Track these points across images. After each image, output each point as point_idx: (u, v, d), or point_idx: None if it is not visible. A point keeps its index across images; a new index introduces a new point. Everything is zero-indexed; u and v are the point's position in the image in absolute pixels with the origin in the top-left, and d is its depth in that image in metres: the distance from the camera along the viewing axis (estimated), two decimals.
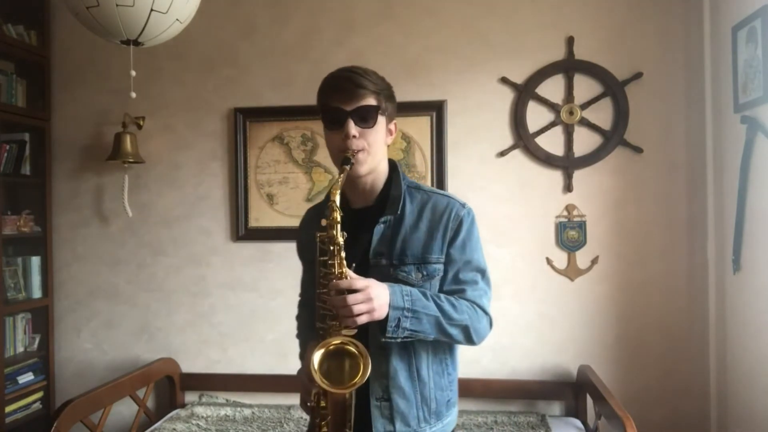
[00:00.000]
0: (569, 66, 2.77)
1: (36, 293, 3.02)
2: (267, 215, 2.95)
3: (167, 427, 2.61)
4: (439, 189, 1.82)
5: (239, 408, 2.82)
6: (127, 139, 2.90)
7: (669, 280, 2.73)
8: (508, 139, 2.82)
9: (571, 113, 2.76)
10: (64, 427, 2.22)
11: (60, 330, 3.10)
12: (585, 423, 2.66)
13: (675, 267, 2.72)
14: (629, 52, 2.74)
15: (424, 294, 1.32)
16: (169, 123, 3.03)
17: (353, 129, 1.33)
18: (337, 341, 1.25)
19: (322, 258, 1.31)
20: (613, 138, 2.74)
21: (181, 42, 2.76)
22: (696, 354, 2.69)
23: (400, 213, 1.40)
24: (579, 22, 2.77)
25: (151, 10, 2.00)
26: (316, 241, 1.32)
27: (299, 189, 2.93)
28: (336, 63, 1.47)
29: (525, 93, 2.79)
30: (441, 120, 2.82)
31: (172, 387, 2.97)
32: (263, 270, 2.97)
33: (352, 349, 1.24)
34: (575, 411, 2.73)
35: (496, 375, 2.81)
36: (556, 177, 2.80)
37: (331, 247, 1.28)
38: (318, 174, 2.92)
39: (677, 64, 2.72)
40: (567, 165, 2.78)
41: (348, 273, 1.27)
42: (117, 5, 1.96)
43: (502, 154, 2.81)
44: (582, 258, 2.78)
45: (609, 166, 2.76)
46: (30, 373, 2.97)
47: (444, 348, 1.44)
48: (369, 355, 1.23)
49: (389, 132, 1.44)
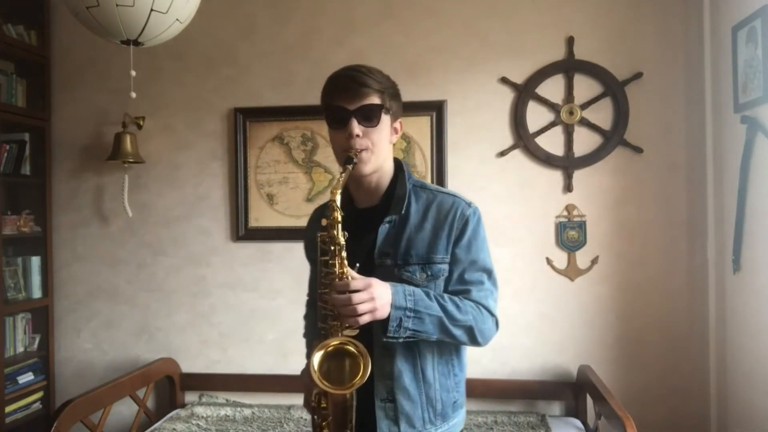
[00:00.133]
0: (569, 66, 2.77)
1: (36, 293, 3.02)
2: (267, 215, 2.95)
3: (167, 427, 2.61)
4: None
5: (239, 408, 2.82)
6: (127, 139, 2.90)
7: (669, 280, 2.73)
8: (508, 139, 2.82)
9: (571, 113, 2.76)
10: (64, 427, 2.21)
11: (60, 330, 3.10)
12: (585, 423, 2.66)
13: (675, 267, 2.72)
14: (629, 52, 2.74)
15: (427, 294, 1.31)
16: (169, 123, 3.03)
17: (357, 128, 1.32)
18: (337, 342, 1.24)
19: (323, 258, 1.30)
20: (613, 138, 2.74)
21: (181, 42, 2.76)
22: (696, 354, 2.69)
23: (404, 212, 1.39)
24: (579, 22, 2.77)
25: (151, 10, 2.00)
26: (317, 241, 1.31)
27: (299, 189, 2.93)
28: (336, 63, 1.46)
29: (525, 93, 2.79)
30: (441, 120, 2.83)
31: (172, 387, 2.97)
32: (263, 270, 2.97)
33: (352, 350, 1.23)
34: (575, 411, 2.73)
35: (496, 375, 2.81)
36: (556, 177, 2.80)
37: (332, 247, 1.27)
38: (318, 174, 2.92)
39: (677, 64, 2.72)
40: (567, 165, 2.78)
41: (349, 272, 1.26)
42: (117, 5, 1.96)
43: (502, 154, 2.82)
44: (582, 258, 2.78)
45: (609, 166, 2.76)
46: (30, 373, 2.97)
47: (450, 349, 1.42)
48: (370, 356, 1.22)
49: (394, 131, 1.41)
